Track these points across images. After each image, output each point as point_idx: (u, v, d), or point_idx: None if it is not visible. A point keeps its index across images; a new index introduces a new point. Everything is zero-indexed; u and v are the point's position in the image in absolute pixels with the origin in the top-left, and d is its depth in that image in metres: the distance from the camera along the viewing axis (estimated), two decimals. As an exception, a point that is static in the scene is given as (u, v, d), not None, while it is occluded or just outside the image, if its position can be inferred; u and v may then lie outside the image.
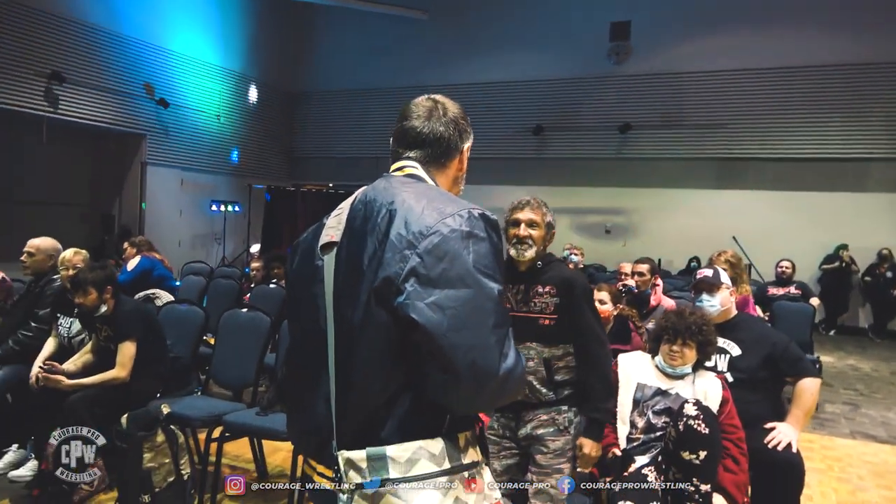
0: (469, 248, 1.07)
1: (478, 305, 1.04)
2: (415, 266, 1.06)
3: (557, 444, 2.21)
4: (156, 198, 11.51)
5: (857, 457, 4.33)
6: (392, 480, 1.04)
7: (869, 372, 7.33)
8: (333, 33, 14.03)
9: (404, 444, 1.06)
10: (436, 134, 1.29)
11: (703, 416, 2.16)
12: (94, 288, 3.18)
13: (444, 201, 1.15)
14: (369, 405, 1.09)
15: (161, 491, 2.90)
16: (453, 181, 1.36)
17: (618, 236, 11.69)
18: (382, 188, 1.21)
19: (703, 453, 2.13)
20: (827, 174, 10.30)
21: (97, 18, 10.16)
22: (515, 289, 2.28)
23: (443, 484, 1.05)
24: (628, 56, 11.61)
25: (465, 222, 1.10)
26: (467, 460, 1.10)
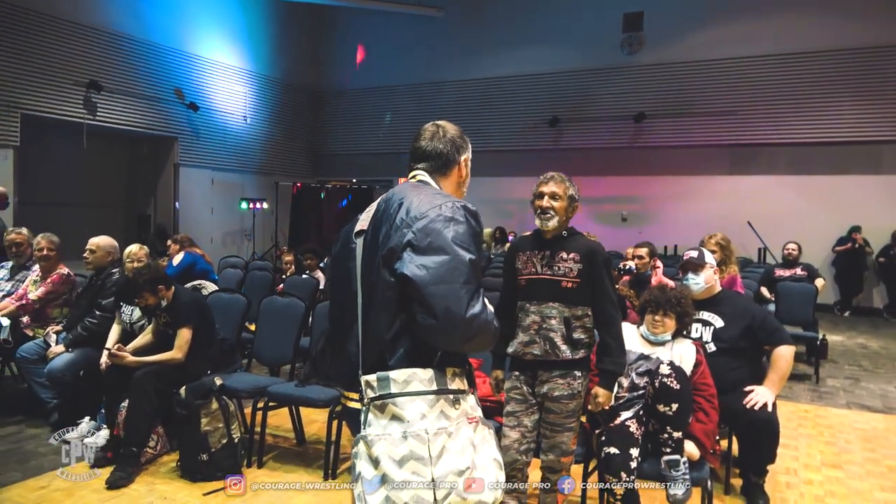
0: (450, 228, 1.50)
1: (452, 267, 1.46)
2: (409, 239, 1.50)
3: (570, 406, 2.47)
4: (188, 197, 12.10)
5: (848, 424, 4.63)
6: (392, 394, 1.46)
7: (877, 350, 7.56)
8: (354, 33, 14.46)
9: (403, 369, 1.49)
10: (437, 150, 1.75)
11: (675, 374, 2.54)
12: (148, 292, 3.66)
13: (438, 197, 1.59)
14: (380, 342, 1.53)
15: (216, 451, 3.35)
16: (456, 185, 1.81)
17: (634, 224, 11.97)
18: (398, 190, 1.67)
19: (675, 406, 2.51)
20: (839, 157, 10.46)
21: (129, 28, 10.72)
22: (541, 254, 2.53)
23: (430, 400, 1.47)
24: (641, 46, 11.85)
25: (449, 210, 1.53)
26: (453, 387, 1.51)
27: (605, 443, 2.55)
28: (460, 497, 1.42)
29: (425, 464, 1.41)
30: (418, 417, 1.45)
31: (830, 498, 3.35)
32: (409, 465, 1.41)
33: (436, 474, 1.41)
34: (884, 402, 5.28)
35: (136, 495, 3.19)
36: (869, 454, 4.02)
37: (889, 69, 10.15)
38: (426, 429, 1.44)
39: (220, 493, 3.22)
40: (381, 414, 1.47)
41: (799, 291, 6.27)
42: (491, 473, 1.49)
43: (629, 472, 2.45)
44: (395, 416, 1.46)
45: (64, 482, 3.30)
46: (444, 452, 1.43)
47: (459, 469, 1.43)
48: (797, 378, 5.91)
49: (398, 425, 1.45)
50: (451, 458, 1.43)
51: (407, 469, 1.41)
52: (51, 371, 3.95)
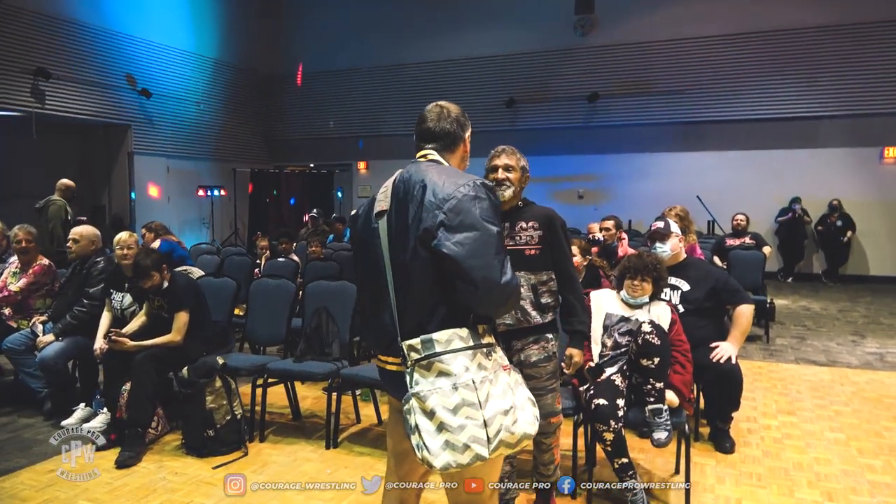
0: (476, 206, 1.69)
1: (484, 241, 1.66)
2: (442, 220, 1.67)
3: (549, 368, 2.60)
4: (144, 186, 11.89)
5: (798, 377, 5.07)
6: (437, 353, 1.66)
7: (818, 311, 8.14)
8: (306, 16, 14.34)
9: (443, 331, 1.68)
10: (445, 130, 1.91)
11: (655, 331, 2.81)
12: (155, 271, 3.75)
13: (457, 176, 1.77)
14: (421, 312, 1.72)
15: (222, 427, 3.49)
16: (461, 160, 1.99)
17: (590, 201, 12.37)
18: (415, 171, 1.82)
19: (657, 359, 2.78)
20: (781, 132, 11.06)
21: (77, 13, 10.42)
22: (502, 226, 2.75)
23: (469, 355, 1.67)
24: (594, 28, 12.18)
25: (472, 189, 1.71)
26: (485, 341, 1.72)
27: (594, 395, 2.81)
28: (509, 432, 1.64)
29: (476, 408, 1.61)
30: (463, 370, 1.64)
31: (787, 439, 3.73)
32: (462, 412, 1.61)
33: (486, 416, 1.61)
34: (827, 356, 5.76)
35: (146, 472, 3.31)
36: (818, 401, 4.44)
37: (826, 48, 10.75)
38: (472, 379, 1.63)
39: (228, 465, 3.38)
40: (428, 372, 1.66)
41: (749, 259, 6.71)
42: (528, 410, 1.70)
43: (617, 420, 2.73)
44: (441, 371, 1.64)
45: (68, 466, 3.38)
46: (489, 397, 1.63)
47: (504, 409, 1.64)
48: (750, 339, 6.35)
49: (446, 379, 1.63)
50: (495, 402, 1.64)
51: (461, 415, 1.61)
52: (43, 360, 3.99)
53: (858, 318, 7.65)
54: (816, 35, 10.79)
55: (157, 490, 3.11)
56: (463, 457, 1.60)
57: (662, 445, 2.75)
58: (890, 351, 5.93)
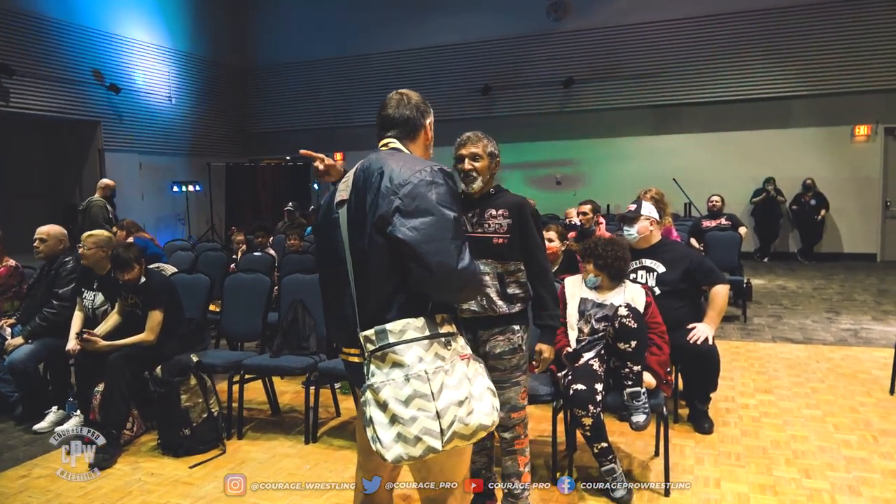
0: (432, 191, 1.66)
1: (440, 226, 1.63)
2: (398, 205, 1.64)
3: (514, 360, 2.51)
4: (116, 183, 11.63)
5: (775, 355, 5.13)
6: (391, 344, 1.63)
7: (794, 290, 8.25)
8: (277, 7, 14.12)
9: (397, 321, 1.65)
10: (404, 117, 1.88)
11: (632, 315, 2.81)
12: (136, 263, 3.68)
13: (414, 162, 1.74)
14: (378, 300, 1.69)
15: (198, 425, 3.44)
16: (424, 148, 1.95)
17: (568, 186, 12.38)
18: (375, 159, 1.78)
19: (634, 343, 2.78)
20: (753, 113, 11.14)
21: (41, 7, 10.15)
22: (471, 213, 2.53)
23: (424, 345, 1.64)
24: (567, 13, 12.14)
25: (428, 174, 1.68)
26: (443, 331, 1.68)
27: (572, 381, 2.80)
28: (463, 423, 1.61)
29: (428, 399, 1.59)
30: (416, 361, 1.61)
31: (765, 418, 3.77)
32: (414, 403, 1.58)
33: (439, 407, 1.58)
34: (803, 334, 5.83)
35: (121, 474, 3.25)
36: (794, 379, 4.50)
37: (794, 29, 10.82)
38: (425, 369, 1.60)
39: (206, 464, 3.33)
40: (383, 363, 1.63)
41: (725, 240, 6.76)
42: (487, 401, 1.67)
43: (595, 405, 2.72)
44: (395, 362, 1.62)
45: (44, 469, 3.32)
46: (443, 388, 1.60)
47: (459, 399, 1.61)
48: (727, 319, 6.42)
49: (399, 370, 1.61)
50: (449, 392, 1.61)
51: (413, 406, 1.58)
52: (12, 363, 3.89)
53: (833, 294, 7.76)
54: (785, 15, 10.85)
55: (132, 492, 3.06)
56: (415, 449, 1.58)
57: (641, 428, 2.76)
58: (864, 327, 6.02)
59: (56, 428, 3.81)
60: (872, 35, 10.43)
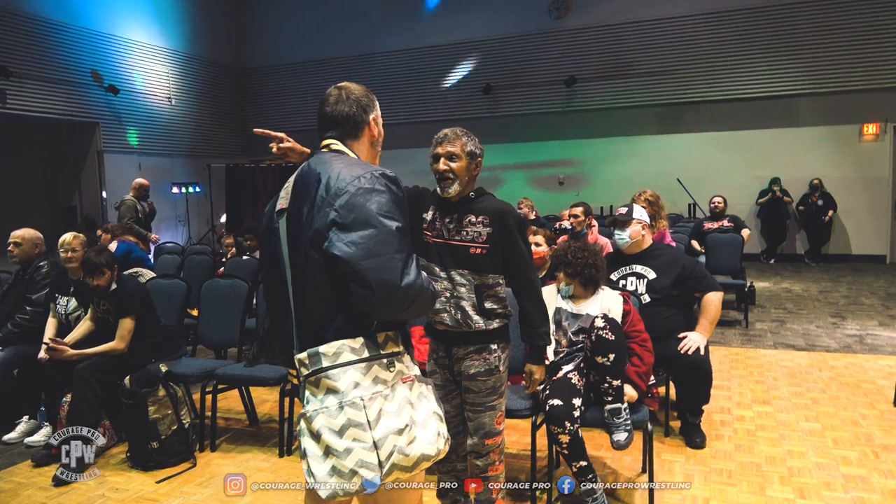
0: (372, 200, 1.50)
1: (381, 239, 1.47)
2: (333, 218, 1.50)
3: (489, 383, 2.30)
4: (115, 185, 11.58)
5: (775, 363, 4.95)
6: (324, 368, 1.49)
7: (800, 293, 8.04)
8: (277, 7, 14.03)
9: (332, 342, 1.50)
10: (343, 114, 1.71)
11: (609, 326, 2.65)
12: (107, 269, 3.56)
13: (354, 167, 1.57)
14: (316, 321, 1.54)
15: (167, 438, 3.31)
16: (370, 146, 1.78)
17: (571, 187, 12.21)
18: (314, 163, 1.63)
19: (612, 356, 2.62)
20: (759, 112, 10.92)
21: (38, 9, 10.09)
22: (449, 218, 2.31)
23: (362, 368, 1.49)
24: (568, 10, 11.97)
25: (368, 181, 1.52)
26: (386, 351, 1.53)
27: (549, 395, 2.65)
28: (403, 454, 1.46)
29: (364, 429, 1.45)
30: (352, 386, 1.47)
31: (761, 431, 3.59)
32: (349, 433, 1.44)
33: (376, 437, 1.44)
34: (806, 340, 5.64)
35: (85, 489, 3.13)
36: (794, 388, 4.32)
37: (801, 25, 10.60)
38: (361, 396, 1.46)
39: (174, 479, 3.20)
40: (317, 389, 1.49)
41: (727, 242, 6.57)
42: (431, 427, 1.53)
43: (573, 421, 2.57)
44: (329, 388, 1.48)
45: (7, 483, 3.20)
46: (381, 415, 1.46)
47: (398, 428, 1.47)
48: (728, 324, 6.25)
49: (334, 397, 1.47)
50: (389, 420, 1.47)
51: (347, 437, 1.44)
52: (-19, 372, 3.79)
53: (839, 298, 7.55)
54: (792, 11, 10.63)
55: (93, 509, 2.94)
56: (350, 484, 1.44)
57: (622, 447, 2.60)
58: (869, 332, 5.82)
59: (26, 439, 3.70)
60: (881, 32, 10.18)
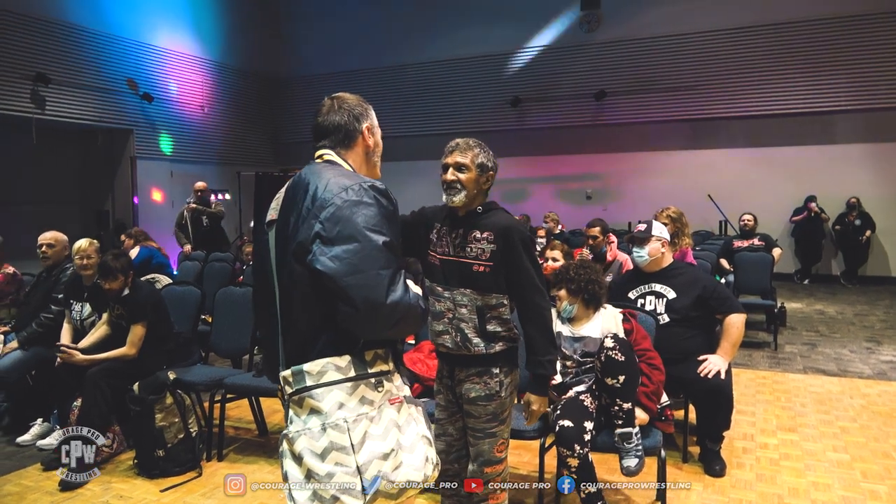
0: (358, 213, 1.43)
1: (366, 255, 1.41)
2: (318, 231, 1.44)
3: (489, 408, 2.20)
4: (147, 191, 11.82)
5: (804, 388, 4.75)
6: (308, 387, 1.43)
7: (834, 315, 7.76)
8: (310, 18, 14.21)
9: (317, 360, 1.44)
10: (335, 124, 1.65)
11: (619, 346, 2.54)
12: (121, 274, 3.59)
13: (343, 179, 1.51)
14: (301, 336, 1.48)
15: (173, 446, 3.30)
16: (365, 156, 1.70)
17: (599, 201, 12.06)
18: (305, 173, 1.57)
19: (622, 377, 2.51)
20: (795, 129, 10.66)
21: (78, 18, 10.37)
22: (455, 233, 2.23)
23: (348, 388, 1.42)
24: (599, 24, 11.87)
25: (355, 193, 1.46)
26: (374, 370, 1.46)
27: (559, 416, 2.56)
28: (388, 480, 1.39)
29: (347, 452, 1.38)
30: (336, 407, 1.41)
31: (785, 460, 3.43)
32: (331, 457, 1.38)
33: (360, 461, 1.38)
34: (838, 365, 5.42)
35: (90, 495, 3.12)
36: (823, 416, 4.13)
37: (840, 40, 10.33)
38: (345, 417, 1.40)
39: (178, 488, 3.18)
40: (301, 409, 1.44)
41: (756, 261, 6.38)
42: (419, 452, 1.45)
43: (582, 445, 2.47)
44: (313, 409, 1.42)
45: (15, 486, 3.21)
46: (366, 438, 1.40)
47: (384, 452, 1.40)
48: (756, 346, 6.04)
49: (317, 418, 1.41)
50: (373, 444, 1.40)
51: (330, 461, 1.38)
52: (-2, 373, 3.84)
53: (876, 322, 7.27)
54: (830, 26, 10.37)
55: (95, 516, 2.92)
56: None
57: (632, 474, 2.49)
58: (907, 359, 5.57)
59: (38, 441, 3.72)
60: (924, 47, 9.87)
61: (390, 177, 1.62)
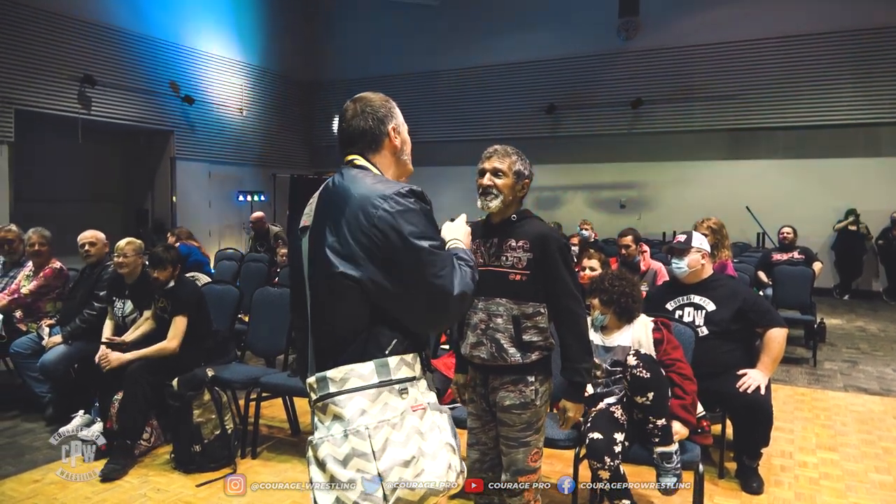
0: (400, 221, 1.44)
1: (416, 260, 1.43)
2: (365, 242, 1.44)
3: (524, 417, 2.19)
4: (186, 191, 12.07)
5: (845, 407, 4.62)
6: (332, 394, 1.43)
7: (875, 332, 7.54)
8: (349, 23, 14.37)
9: (340, 367, 1.44)
10: (359, 130, 1.63)
11: (642, 363, 2.50)
12: (171, 265, 3.70)
13: (379, 184, 1.51)
14: (330, 343, 1.49)
15: (209, 442, 3.36)
16: (394, 158, 1.68)
17: (633, 210, 11.93)
18: (338, 181, 1.57)
19: (651, 394, 2.47)
20: (837, 140, 10.41)
21: (123, 21, 10.66)
22: (489, 242, 2.24)
23: (371, 394, 1.42)
24: (637, 31, 11.76)
25: (397, 203, 1.46)
26: (399, 376, 1.46)
27: (590, 428, 2.53)
28: (408, 488, 1.39)
29: (368, 459, 1.38)
30: (358, 414, 1.41)
31: (825, 480, 3.35)
32: (353, 464, 1.39)
33: (381, 468, 1.38)
34: (880, 384, 5.27)
35: (129, 487, 3.20)
36: (865, 436, 4.02)
37: (887, 51, 10.06)
38: (366, 424, 1.40)
39: (213, 483, 3.23)
40: (325, 415, 1.45)
41: (796, 275, 6.24)
42: (442, 460, 1.44)
43: (613, 457, 2.43)
44: (336, 415, 1.42)
45: (57, 476, 3.30)
46: (387, 445, 1.40)
47: (405, 460, 1.39)
48: (795, 361, 5.90)
49: (339, 425, 1.41)
50: (395, 450, 1.40)
51: (351, 468, 1.38)
52: (43, 364, 3.96)
53: (920, 341, 7.05)
54: (873, 36, 10.10)
55: (134, 507, 2.99)
56: None
57: (670, 493, 2.45)
58: (953, 380, 5.39)
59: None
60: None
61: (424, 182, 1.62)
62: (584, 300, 2.42)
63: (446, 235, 1.69)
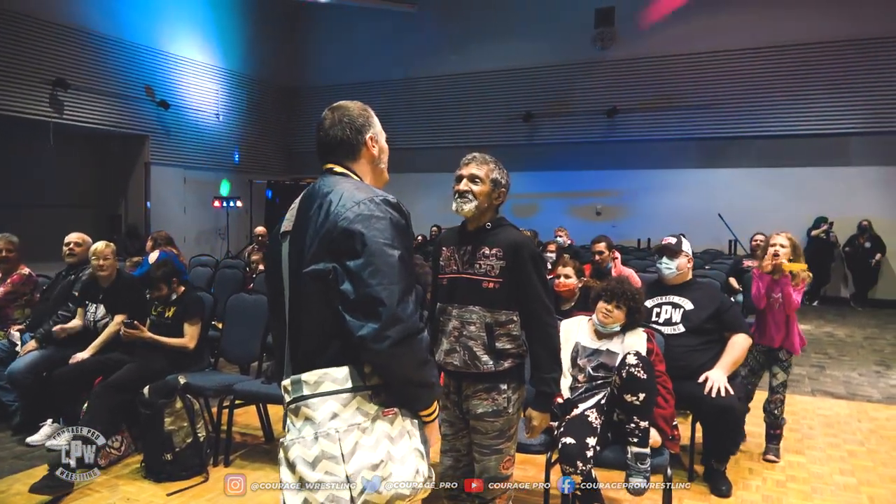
0: (371, 227, 1.46)
1: (379, 269, 1.43)
2: (334, 244, 1.46)
3: (496, 425, 2.20)
4: (160, 196, 11.94)
5: (812, 411, 4.72)
6: (304, 396, 1.45)
7: (843, 338, 7.71)
8: (326, 29, 14.37)
9: (314, 370, 1.46)
10: (337, 139, 1.66)
11: (641, 364, 2.55)
12: (164, 284, 3.83)
13: (357, 191, 1.54)
14: (307, 347, 1.50)
15: (181, 450, 3.32)
16: (371, 166, 1.70)
17: (608, 217, 12.07)
18: (317, 187, 1.60)
19: (642, 395, 2.51)
20: (809, 150, 10.65)
21: (98, 25, 10.54)
22: (463, 250, 2.25)
23: (343, 398, 1.44)
24: (613, 41, 11.94)
25: (367, 208, 1.48)
26: (372, 382, 1.48)
27: (563, 433, 2.56)
28: (375, 491, 1.41)
29: (337, 462, 1.40)
30: (329, 417, 1.43)
31: (791, 483, 3.41)
32: (321, 466, 1.40)
33: (349, 471, 1.39)
34: (847, 388, 5.38)
35: (98, 497, 3.15)
36: (831, 439, 4.11)
37: (857, 63, 10.34)
38: (336, 427, 1.42)
39: (184, 492, 3.20)
40: (296, 417, 1.46)
41: (766, 282, 6.33)
42: (410, 465, 1.45)
43: (585, 461, 2.47)
44: (307, 417, 1.44)
45: (23, 485, 3.24)
46: (356, 449, 1.41)
47: (373, 463, 1.41)
48: (764, 367, 6.00)
49: (310, 427, 1.43)
50: (363, 454, 1.41)
51: (320, 469, 1.40)
52: (11, 373, 3.88)
53: (886, 346, 7.22)
54: (845, 48, 10.39)
55: (102, 517, 2.95)
56: None
57: (639, 494, 2.49)
58: (917, 384, 5.53)
59: (48, 442, 3.76)
60: (939, 72, 9.86)
61: (402, 188, 1.63)
62: (555, 309, 2.45)
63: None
